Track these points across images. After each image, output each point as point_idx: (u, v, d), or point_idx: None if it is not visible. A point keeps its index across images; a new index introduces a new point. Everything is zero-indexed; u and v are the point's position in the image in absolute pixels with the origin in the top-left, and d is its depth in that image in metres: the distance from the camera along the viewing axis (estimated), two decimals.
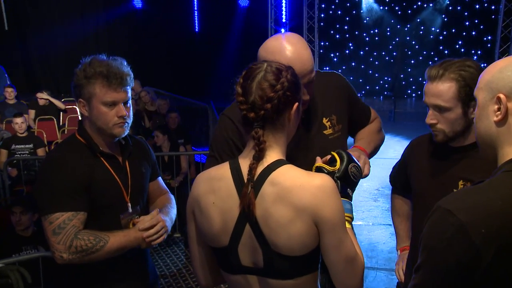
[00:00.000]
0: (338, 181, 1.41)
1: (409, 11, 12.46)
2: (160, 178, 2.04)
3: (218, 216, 1.34)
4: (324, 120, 1.74)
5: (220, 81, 11.26)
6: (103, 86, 1.70)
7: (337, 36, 12.70)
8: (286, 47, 1.52)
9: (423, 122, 1.85)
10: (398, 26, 12.56)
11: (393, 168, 2.10)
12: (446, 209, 1.04)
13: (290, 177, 1.28)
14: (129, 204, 1.81)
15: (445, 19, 11.51)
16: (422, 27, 12.32)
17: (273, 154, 1.33)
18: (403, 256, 2.14)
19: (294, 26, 9.82)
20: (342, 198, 1.33)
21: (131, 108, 1.80)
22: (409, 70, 12.90)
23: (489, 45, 10.80)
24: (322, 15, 12.37)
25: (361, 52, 12.76)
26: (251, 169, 1.29)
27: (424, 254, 1.09)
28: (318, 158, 1.50)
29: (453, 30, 11.44)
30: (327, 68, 11.87)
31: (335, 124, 1.75)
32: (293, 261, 1.29)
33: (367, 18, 12.62)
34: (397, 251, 2.21)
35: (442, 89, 1.71)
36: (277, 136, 1.34)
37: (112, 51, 2.00)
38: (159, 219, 1.81)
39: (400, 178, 2.05)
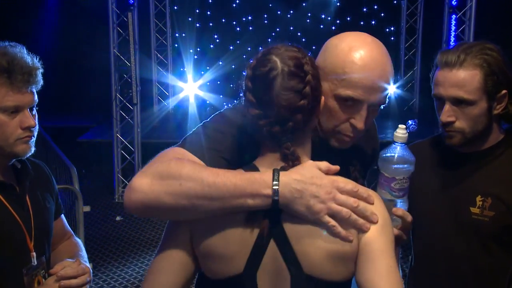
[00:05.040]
0: None
1: None
2: (63, 216, 2.03)
3: (235, 231, 1.47)
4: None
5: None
6: (1, 85, 1.67)
7: (198, 24, 13.03)
8: (362, 47, 1.70)
9: None
10: (279, 13, 13.27)
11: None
12: None
13: None
14: (34, 254, 1.80)
15: (338, 4, 12.51)
16: (309, 15, 13.18)
17: (303, 159, 1.51)
18: None
19: (140, 11, 9.89)
20: None
21: (37, 116, 1.79)
22: None
23: (392, 37, 11.92)
24: None
25: (231, 47, 13.23)
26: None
27: None
28: None
29: (348, 19, 12.45)
30: (183, 69, 12.08)
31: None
32: None
33: (237, 1, 13.17)
34: None
35: (465, 78, 1.90)
36: (306, 139, 1.53)
37: None
38: (86, 269, 1.82)
39: None
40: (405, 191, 1.76)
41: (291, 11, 13.28)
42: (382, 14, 12.01)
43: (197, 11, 13.07)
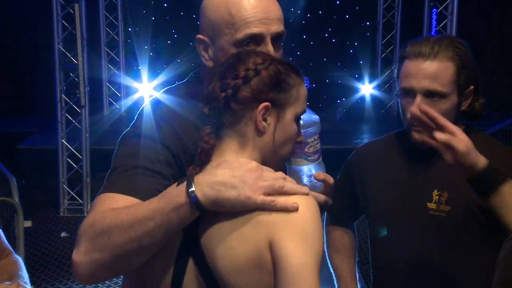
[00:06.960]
0: None
1: None
2: (1, 231, 2.02)
3: (158, 253, 1.53)
4: None
5: None
6: None
7: (153, 17, 12.99)
8: None
9: None
10: None
11: None
12: None
13: None
14: None
15: None
16: None
17: (227, 155, 1.56)
18: None
19: (88, 2, 9.82)
20: None
21: None
22: None
23: (368, 33, 12.03)
24: None
25: (190, 43, 13.22)
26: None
27: None
28: None
29: (320, 12, 12.54)
30: (137, 68, 12.01)
31: None
32: None
33: None
34: None
35: (439, 69, 2.01)
36: (240, 143, 1.54)
37: None
38: None
39: (341, 202, 2.30)
40: (319, 152, 1.90)
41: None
42: (357, 8, 12.10)
43: (152, 2, 13.03)
